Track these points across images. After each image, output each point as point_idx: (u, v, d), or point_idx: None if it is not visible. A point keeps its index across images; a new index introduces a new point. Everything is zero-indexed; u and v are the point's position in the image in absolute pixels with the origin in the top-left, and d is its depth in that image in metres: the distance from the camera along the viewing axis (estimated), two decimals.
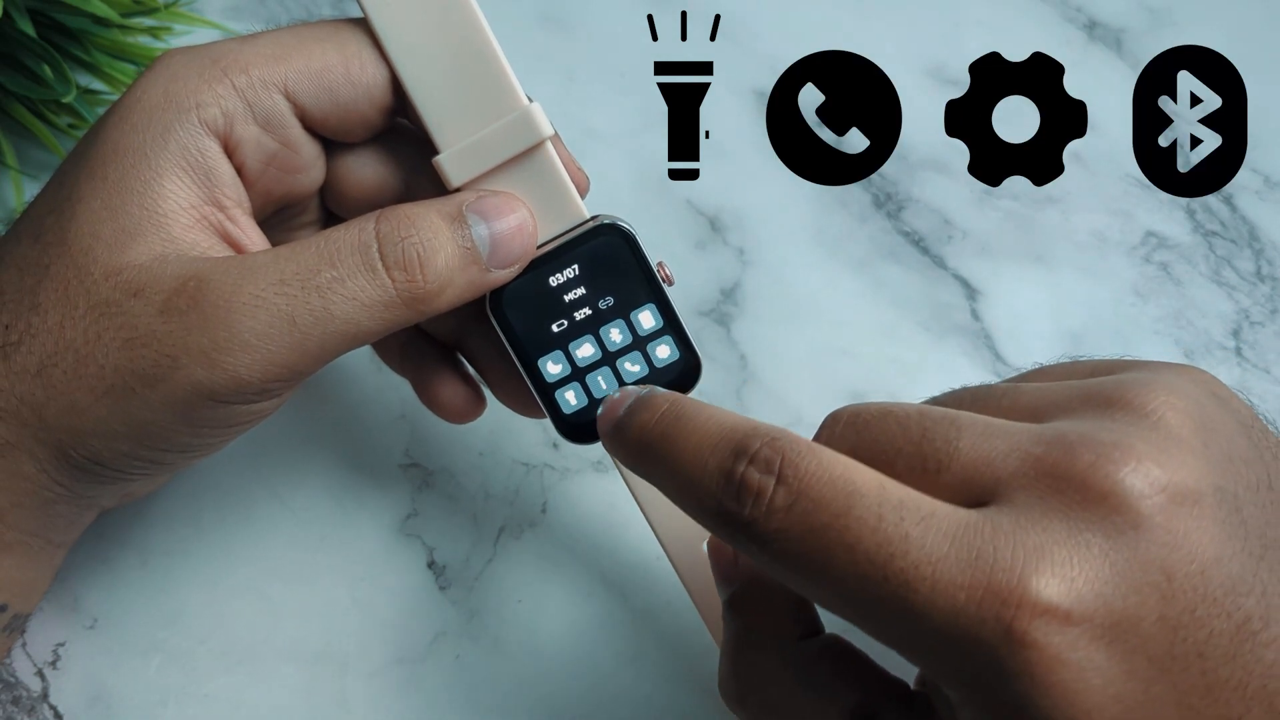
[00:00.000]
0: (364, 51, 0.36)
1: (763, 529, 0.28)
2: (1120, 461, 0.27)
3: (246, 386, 0.33)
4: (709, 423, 0.31)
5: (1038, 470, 0.27)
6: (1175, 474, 0.27)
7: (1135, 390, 0.29)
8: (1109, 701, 0.25)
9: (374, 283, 0.34)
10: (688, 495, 0.31)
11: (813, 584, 0.28)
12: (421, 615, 0.45)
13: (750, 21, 0.55)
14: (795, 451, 0.29)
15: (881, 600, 0.27)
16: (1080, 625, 0.25)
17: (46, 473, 0.35)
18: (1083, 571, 0.26)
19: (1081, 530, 0.26)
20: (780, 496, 0.28)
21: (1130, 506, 0.26)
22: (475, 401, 0.41)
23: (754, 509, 0.29)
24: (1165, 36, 0.55)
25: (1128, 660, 0.25)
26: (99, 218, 0.34)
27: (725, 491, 0.29)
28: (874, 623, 0.27)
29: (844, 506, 0.28)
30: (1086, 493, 0.27)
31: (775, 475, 0.28)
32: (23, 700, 0.44)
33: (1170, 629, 0.26)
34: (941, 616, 0.26)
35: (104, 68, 0.49)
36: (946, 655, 0.26)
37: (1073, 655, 0.25)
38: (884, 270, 0.51)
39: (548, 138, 0.36)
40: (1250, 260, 0.51)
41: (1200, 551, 0.26)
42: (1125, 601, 0.26)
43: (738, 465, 0.29)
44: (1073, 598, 0.25)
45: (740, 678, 0.33)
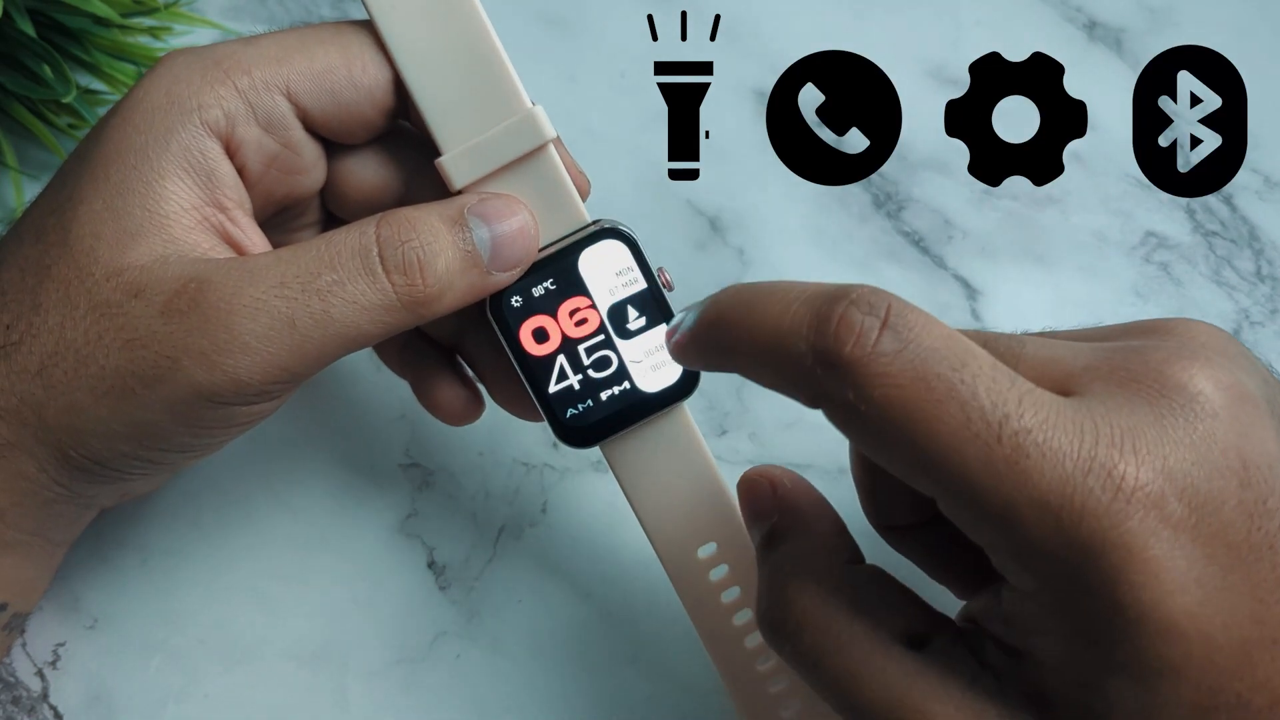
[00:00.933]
0: (366, 53, 0.36)
1: (867, 371, 0.26)
2: (1190, 360, 0.27)
3: (246, 388, 0.33)
4: (796, 284, 0.29)
5: (1110, 366, 0.28)
6: (1238, 378, 0.28)
7: (1177, 324, 0.30)
8: (1191, 584, 0.25)
9: (374, 286, 0.34)
10: (773, 348, 0.28)
11: (915, 446, 0.27)
12: (421, 615, 0.45)
13: (750, 21, 0.55)
14: (901, 302, 0.27)
15: (991, 463, 0.26)
16: (1174, 502, 0.26)
17: (46, 472, 0.35)
18: (1173, 452, 0.26)
19: (1164, 415, 0.27)
20: (888, 340, 0.26)
21: (1206, 397, 0.27)
22: (474, 403, 0.41)
23: (858, 346, 0.26)
24: (1165, 36, 0.55)
25: (1210, 544, 0.26)
26: (100, 218, 0.34)
27: (821, 331, 0.27)
28: (974, 491, 0.26)
29: (960, 360, 0.26)
30: (1163, 384, 0.27)
31: (881, 319, 0.27)
32: (23, 700, 0.44)
33: (1247, 515, 0.26)
34: (1048, 484, 0.26)
35: (104, 68, 0.49)
36: (1043, 528, 0.26)
37: (1166, 531, 0.25)
38: (884, 270, 0.51)
39: (550, 140, 0.36)
40: (1250, 260, 0.51)
41: (1268, 446, 0.27)
42: (1210, 484, 0.26)
43: (836, 306, 0.27)
44: (1167, 475, 0.26)
45: (786, 605, 0.32)
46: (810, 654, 0.31)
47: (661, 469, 0.39)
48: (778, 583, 0.33)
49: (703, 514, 0.39)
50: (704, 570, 0.40)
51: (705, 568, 0.40)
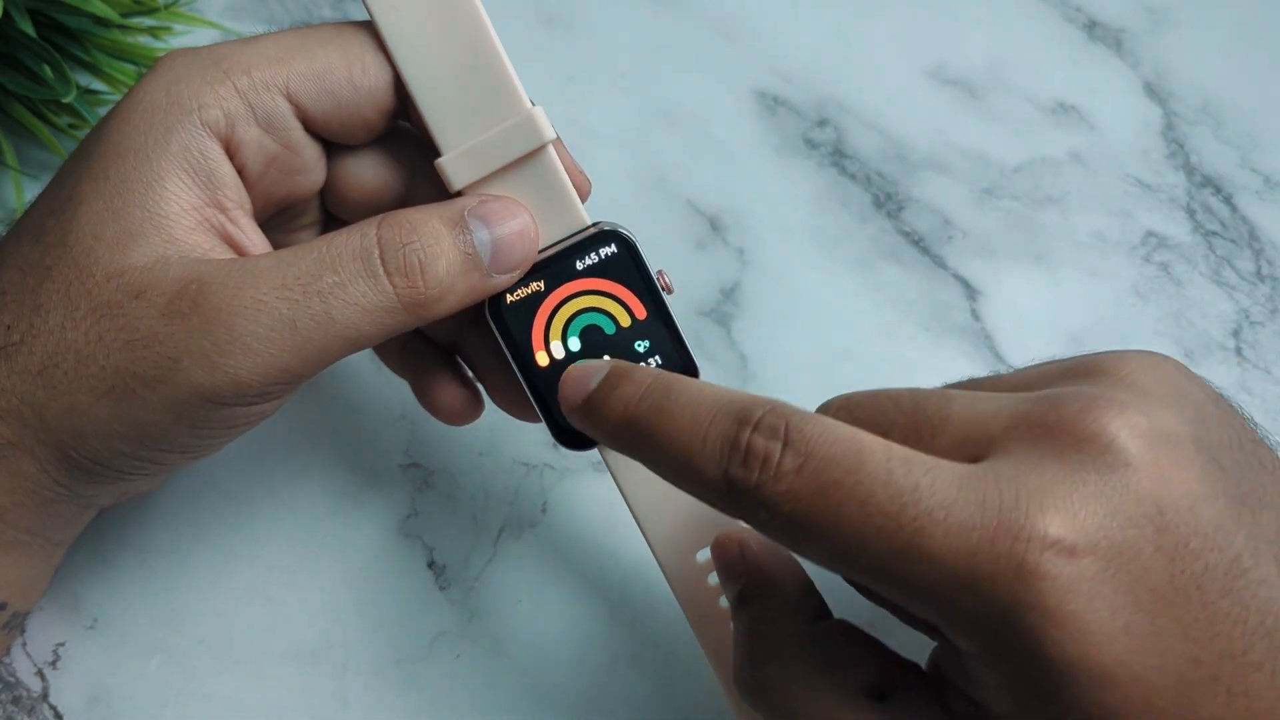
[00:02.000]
0: (366, 54, 0.36)
1: (772, 492, 0.28)
2: (1105, 408, 0.28)
3: (247, 389, 0.33)
4: (701, 394, 0.31)
5: (1028, 423, 0.28)
6: (1156, 421, 0.28)
7: (1109, 361, 0.31)
8: (1119, 633, 0.26)
9: (375, 288, 0.34)
10: (687, 469, 0.31)
11: (825, 544, 0.28)
12: (421, 615, 0.45)
13: (750, 21, 0.55)
14: (799, 417, 0.29)
15: (897, 551, 0.27)
16: (1086, 556, 0.26)
17: (47, 472, 0.35)
18: (1083, 506, 0.27)
19: (1076, 470, 0.27)
20: (789, 459, 0.28)
21: (1120, 446, 0.27)
22: (473, 404, 0.41)
23: (762, 473, 0.29)
24: (1165, 36, 0.55)
25: (1132, 591, 0.26)
26: (101, 219, 0.34)
27: (731, 460, 0.29)
28: (889, 575, 0.28)
29: (854, 463, 0.28)
30: (1077, 436, 0.28)
31: (782, 440, 0.29)
32: (23, 700, 0.44)
33: (1168, 559, 0.27)
34: (955, 559, 0.26)
35: (104, 68, 0.49)
36: (960, 600, 0.27)
37: (1082, 586, 0.26)
38: (884, 270, 0.51)
39: (549, 141, 0.36)
40: (1250, 260, 0.51)
41: (1188, 489, 0.27)
42: (1125, 533, 0.26)
43: (742, 433, 0.29)
44: (1077, 530, 0.26)
45: (757, 666, 0.34)
46: (782, 710, 0.33)
47: None
48: (749, 644, 0.34)
49: (701, 517, 0.39)
50: (702, 574, 0.39)
51: (703, 571, 0.39)
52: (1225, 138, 0.53)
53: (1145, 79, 0.55)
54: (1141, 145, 0.53)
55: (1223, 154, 0.53)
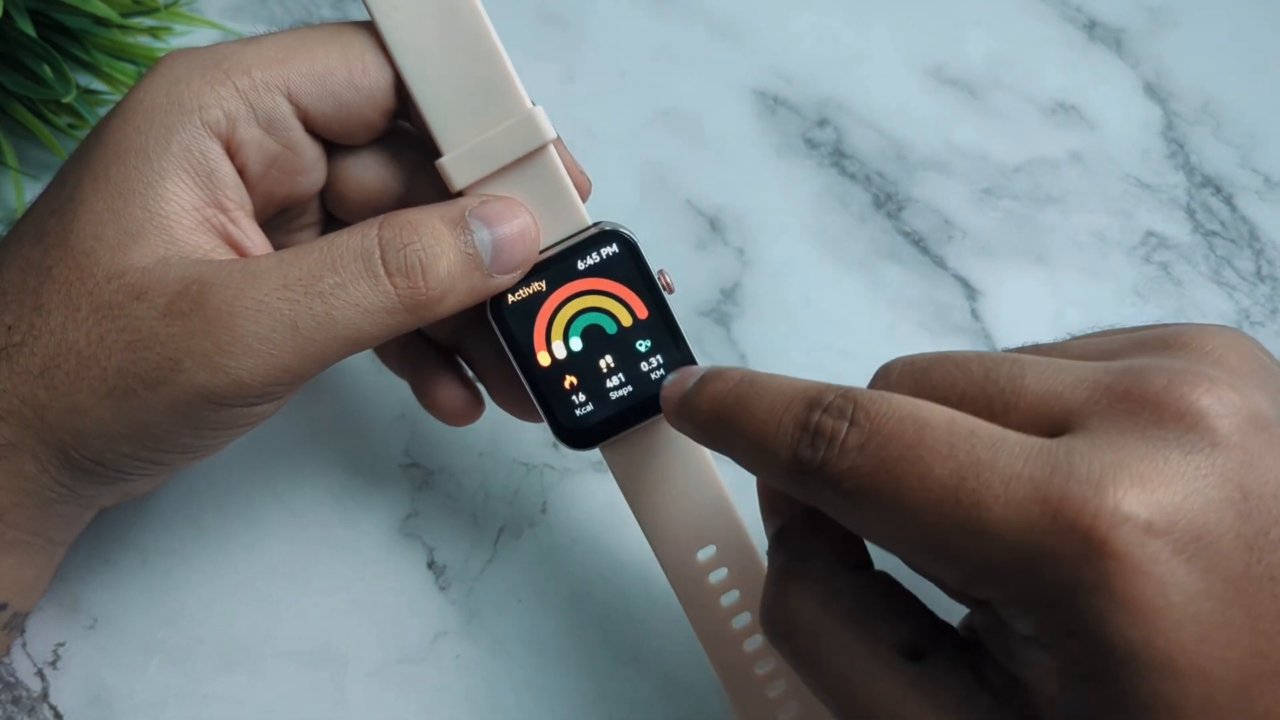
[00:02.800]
0: (367, 54, 0.36)
1: (836, 470, 0.28)
2: (1195, 383, 0.27)
3: (248, 390, 0.33)
4: (782, 384, 0.31)
5: (1110, 396, 0.27)
6: (1247, 400, 0.27)
7: (1190, 334, 0.30)
8: (1187, 620, 0.25)
9: (376, 289, 0.34)
10: (763, 453, 0.31)
11: (885, 520, 0.28)
12: (421, 615, 0.45)
13: (750, 21, 0.55)
14: (867, 397, 0.29)
15: (954, 525, 0.27)
16: (1162, 537, 0.25)
17: (48, 473, 0.35)
18: (1162, 484, 0.25)
19: (1159, 447, 0.26)
20: (853, 436, 0.28)
21: (1207, 425, 0.26)
22: (474, 404, 0.41)
23: (828, 451, 0.29)
24: (1165, 36, 0.55)
25: (1206, 578, 0.25)
26: (101, 219, 0.34)
27: (800, 441, 0.30)
28: (945, 553, 0.27)
29: (915, 438, 0.28)
30: (1162, 412, 0.27)
31: (848, 419, 0.29)
32: (23, 700, 0.44)
33: (1246, 548, 0.26)
34: (1015, 533, 0.26)
35: (104, 68, 0.49)
36: (1019, 577, 0.26)
37: (1154, 568, 0.25)
38: (884, 270, 0.51)
39: (550, 141, 0.36)
40: (1250, 260, 0.51)
41: (1273, 474, 0.26)
42: (1205, 516, 0.25)
43: (812, 415, 0.30)
44: (1153, 508, 0.25)
45: (787, 607, 0.33)
46: (808, 656, 0.32)
47: (661, 471, 0.39)
48: (781, 583, 0.33)
49: (702, 516, 0.39)
50: (704, 573, 0.39)
51: (705, 570, 0.39)
52: (1225, 138, 0.53)
53: (1145, 79, 0.55)
54: (1141, 145, 0.53)
55: (1223, 154, 0.53)
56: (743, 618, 0.40)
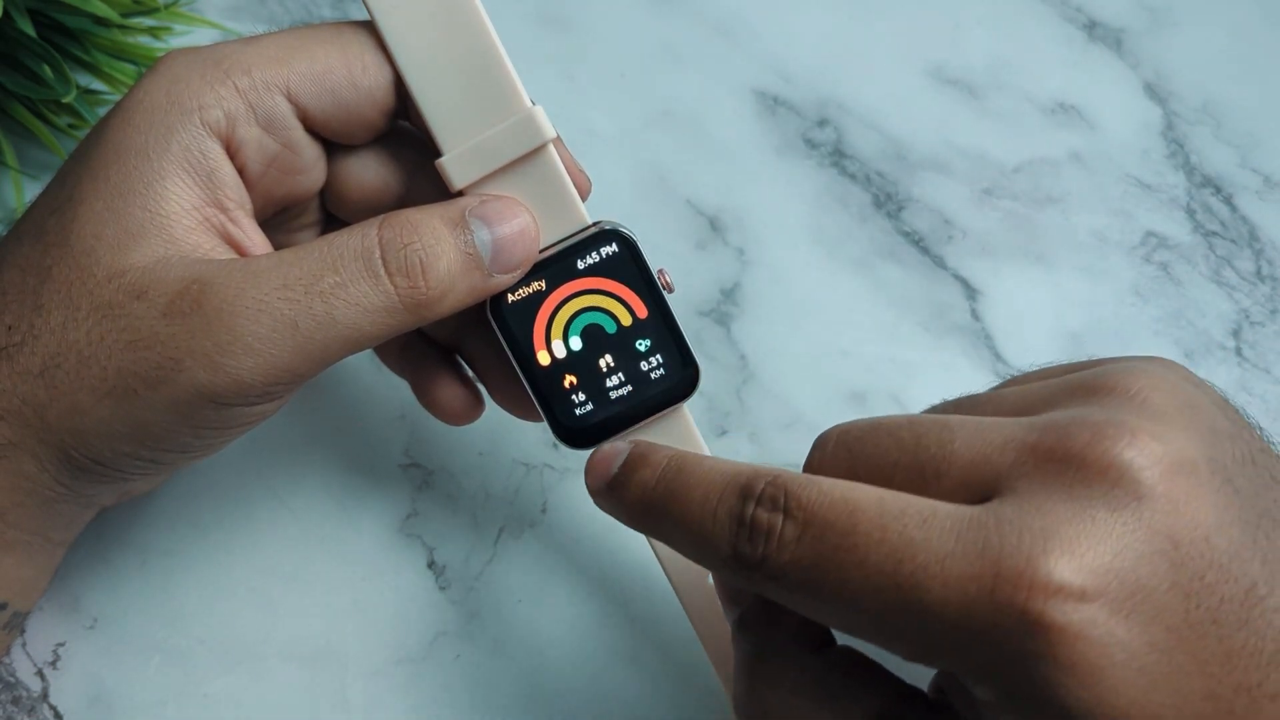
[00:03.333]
0: (367, 54, 0.36)
1: (777, 563, 0.29)
2: (1115, 437, 0.27)
3: (248, 389, 0.33)
4: (711, 473, 0.32)
5: (1035, 457, 0.28)
6: (1170, 446, 0.27)
7: (1116, 377, 0.30)
8: (1134, 675, 0.25)
9: (377, 289, 0.34)
10: (700, 547, 0.31)
11: (830, 606, 0.29)
12: (421, 615, 0.45)
13: (750, 21, 0.55)
14: (797, 484, 0.29)
15: (897, 608, 0.27)
16: (1096, 600, 0.25)
17: (48, 472, 0.35)
18: (1091, 546, 0.26)
19: (1085, 507, 0.26)
20: (789, 530, 0.29)
21: (1131, 478, 0.26)
22: (474, 404, 0.41)
23: (766, 546, 0.29)
24: (1165, 36, 0.55)
25: (1147, 631, 0.26)
26: (101, 219, 0.34)
27: (739, 536, 0.30)
28: (893, 633, 0.28)
29: (849, 525, 0.28)
30: (1086, 470, 0.27)
31: (782, 510, 0.29)
32: (23, 700, 0.44)
33: (1183, 595, 0.26)
34: (956, 612, 0.26)
35: (104, 68, 0.49)
36: (967, 652, 0.26)
37: (1093, 631, 0.25)
38: (884, 270, 0.51)
39: (550, 140, 0.36)
40: (1250, 260, 0.51)
41: (1202, 518, 0.27)
42: (1137, 571, 0.26)
43: (746, 507, 0.30)
44: (1085, 573, 0.25)
45: (757, 695, 0.33)
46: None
47: None
48: (748, 672, 0.34)
49: None
50: (705, 576, 0.40)
51: (706, 573, 0.39)
52: (1225, 138, 0.54)
53: (1145, 79, 0.55)
54: (1141, 145, 0.53)
55: (1223, 154, 0.53)
56: None
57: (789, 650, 0.33)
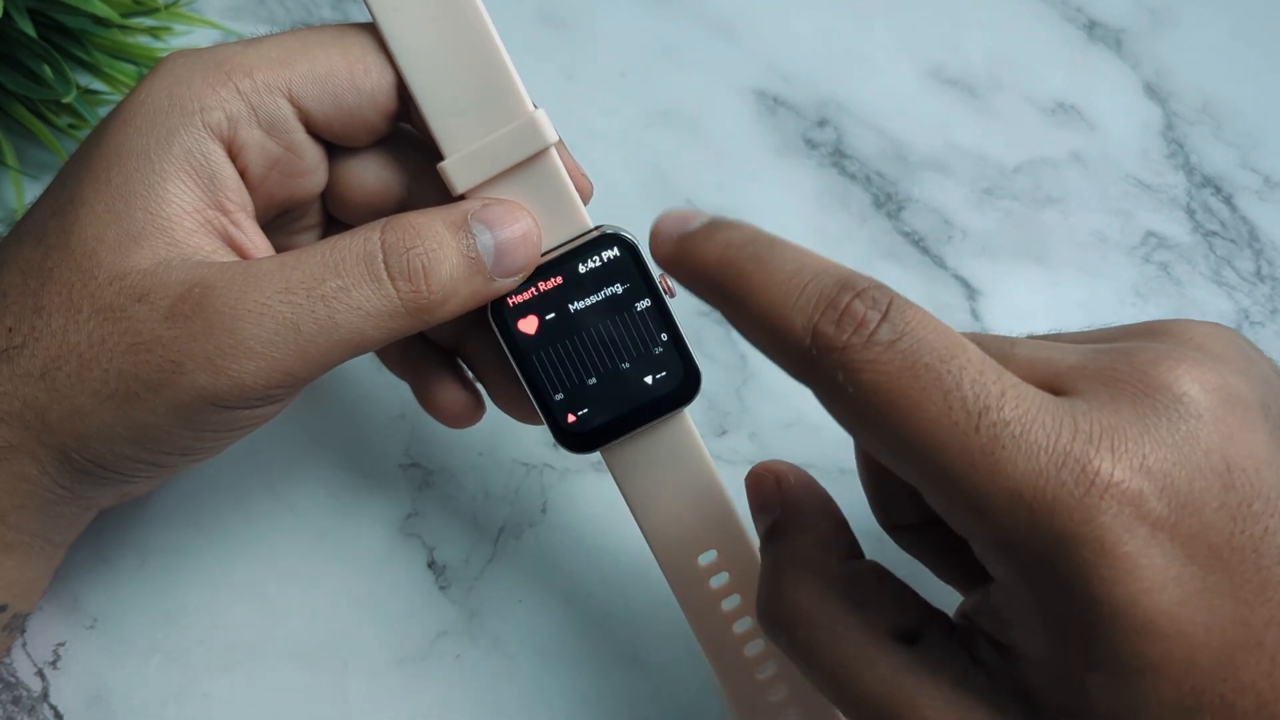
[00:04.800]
0: (369, 56, 0.36)
1: (859, 358, 0.28)
2: (1178, 362, 0.28)
3: (250, 392, 0.33)
4: (808, 255, 0.30)
5: (1097, 366, 0.28)
6: (1228, 380, 0.28)
7: (1175, 325, 0.30)
8: (1169, 582, 0.25)
9: (379, 293, 0.34)
10: (773, 320, 0.29)
11: (897, 430, 0.27)
12: (422, 615, 0.45)
13: (750, 21, 0.55)
14: (903, 299, 0.28)
15: (966, 452, 0.27)
16: (1151, 500, 0.26)
17: (48, 475, 0.35)
18: (1153, 451, 0.26)
19: (1148, 415, 0.27)
20: (885, 330, 0.28)
21: (1191, 398, 0.27)
22: (474, 406, 0.41)
23: (855, 335, 0.28)
24: (1165, 36, 0.55)
25: (1190, 544, 0.26)
26: (102, 221, 0.34)
27: (825, 316, 0.28)
28: (949, 477, 0.27)
29: (949, 353, 0.27)
30: (1149, 386, 0.27)
31: (882, 312, 0.28)
32: (23, 700, 0.44)
33: (1229, 518, 0.26)
34: (1023, 475, 0.26)
35: (104, 68, 0.49)
36: (1016, 518, 0.26)
37: (1141, 529, 0.25)
38: (884, 270, 0.51)
39: (552, 144, 0.36)
40: (1250, 260, 0.51)
41: (1256, 449, 0.27)
42: (1191, 485, 0.26)
43: (843, 295, 0.28)
44: (1145, 473, 0.26)
45: (784, 599, 0.33)
46: (805, 646, 0.32)
47: (662, 475, 0.39)
48: (776, 576, 0.33)
49: (703, 520, 0.39)
50: (704, 577, 0.40)
51: (705, 574, 0.39)
52: (1225, 138, 0.54)
53: (1145, 79, 0.55)
54: (1141, 145, 0.53)
55: (1223, 154, 0.53)
56: (744, 622, 0.40)
57: (818, 556, 0.33)
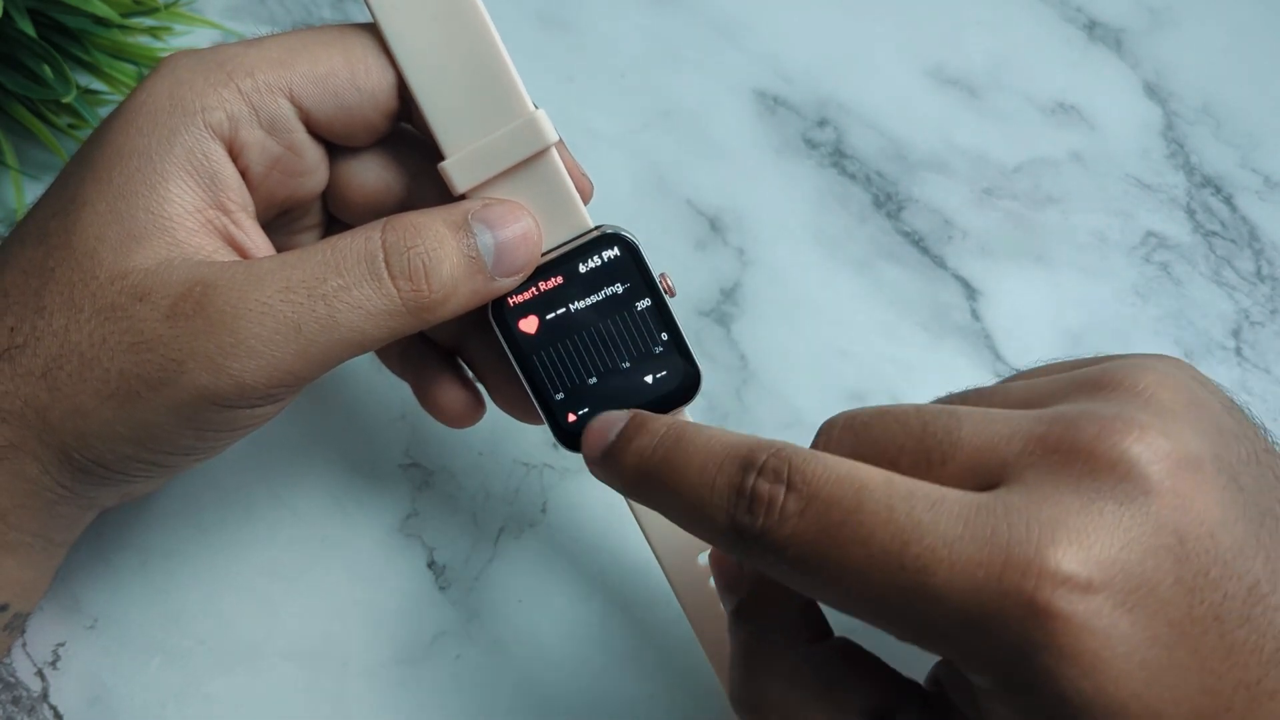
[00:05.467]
0: (369, 56, 0.36)
1: (777, 536, 0.28)
2: (1124, 432, 0.27)
3: (251, 392, 0.33)
4: (710, 442, 0.31)
5: (1043, 447, 0.28)
6: (1177, 442, 0.27)
7: (1124, 373, 0.30)
8: (1135, 668, 0.25)
9: (379, 292, 0.34)
10: (696, 517, 0.31)
11: (830, 585, 0.28)
12: (421, 615, 0.45)
13: (750, 21, 0.55)
14: (801, 458, 0.29)
15: (900, 590, 0.27)
16: (1102, 592, 0.25)
17: (49, 474, 0.35)
18: (1099, 539, 0.26)
19: (1093, 500, 0.26)
20: (792, 502, 0.28)
21: (1139, 473, 0.27)
22: (474, 406, 0.41)
23: (767, 518, 0.29)
24: (1165, 36, 0.55)
25: (1149, 625, 0.26)
26: (104, 220, 0.34)
27: (737, 506, 0.29)
28: (893, 615, 0.27)
29: (855, 503, 0.28)
30: (1094, 463, 0.27)
31: (785, 483, 0.29)
32: (23, 700, 0.44)
33: (1187, 591, 0.26)
34: (961, 597, 0.26)
35: (104, 68, 0.49)
36: (969, 638, 0.26)
37: (1097, 622, 0.25)
38: (884, 270, 0.51)
39: (552, 144, 0.36)
40: (1250, 260, 0.51)
41: (1208, 515, 0.27)
42: (1142, 565, 0.26)
43: (747, 478, 0.29)
44: (1092, 565, 0.25)
45: (754, 685, 0.33)
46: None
47: None
48: (746, 663, 0.34)
49: None
50: (704, 576, 0.40)
51: (706, 574, 0.40)
52: (1225, 138, 0.54)
53: (1145, 79, 0.55)
54: (1141, 145, 0.53)
55: (1223, 154, 0.53)
56: None
57: (786, 640, 0.34)
